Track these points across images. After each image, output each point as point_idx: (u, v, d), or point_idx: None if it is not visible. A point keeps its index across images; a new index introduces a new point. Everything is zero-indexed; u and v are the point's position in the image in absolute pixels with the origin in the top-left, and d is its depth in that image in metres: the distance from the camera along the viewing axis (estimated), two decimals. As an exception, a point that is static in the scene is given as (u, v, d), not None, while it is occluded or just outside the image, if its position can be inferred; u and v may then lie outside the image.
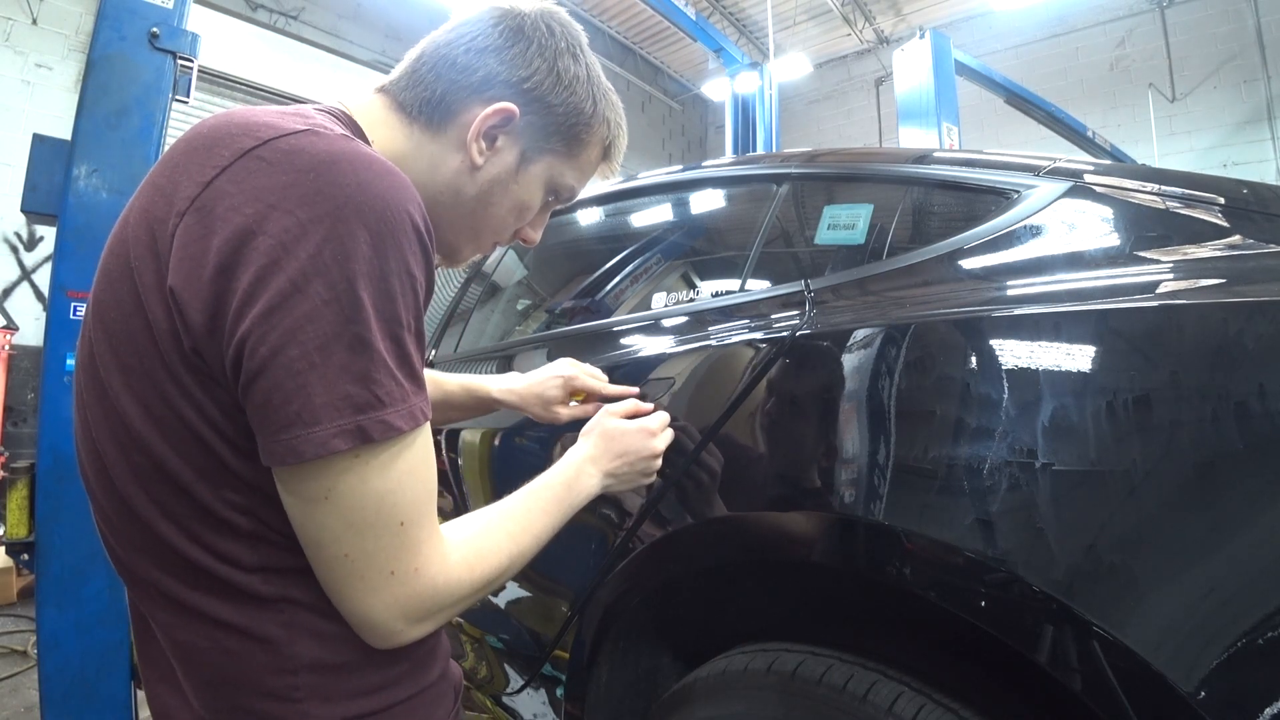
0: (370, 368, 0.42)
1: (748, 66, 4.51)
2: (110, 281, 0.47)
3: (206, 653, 0.47)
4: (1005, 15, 7.43)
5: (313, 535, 0.44)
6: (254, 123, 0.46)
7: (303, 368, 0.40)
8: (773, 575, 0.86)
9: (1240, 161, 6.49)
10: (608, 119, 0.63)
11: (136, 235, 0.45)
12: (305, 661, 0.47)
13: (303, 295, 0.40)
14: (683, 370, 0.93)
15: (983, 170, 0.86)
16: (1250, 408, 0.51)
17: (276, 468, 0.43)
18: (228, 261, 0.41)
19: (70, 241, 1.50)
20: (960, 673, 0.67)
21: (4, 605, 3.03)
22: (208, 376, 0.43)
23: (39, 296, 4.36)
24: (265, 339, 0.40)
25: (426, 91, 0.57)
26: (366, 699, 0.49)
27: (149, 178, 0.48)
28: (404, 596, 0.46)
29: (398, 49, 6.97)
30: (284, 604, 0.47)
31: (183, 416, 0.44)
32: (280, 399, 0.40)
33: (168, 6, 1.60)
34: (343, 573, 0.45)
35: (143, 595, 0.50)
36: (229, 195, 0.42)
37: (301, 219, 0.41)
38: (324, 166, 0.43)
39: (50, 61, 4.49)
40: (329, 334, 0.41)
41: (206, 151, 0.45)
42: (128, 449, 0.46)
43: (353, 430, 0.41)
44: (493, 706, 1.27)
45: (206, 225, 0.42)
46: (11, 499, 1.48)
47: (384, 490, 0.44)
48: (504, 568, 0.54)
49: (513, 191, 0.61)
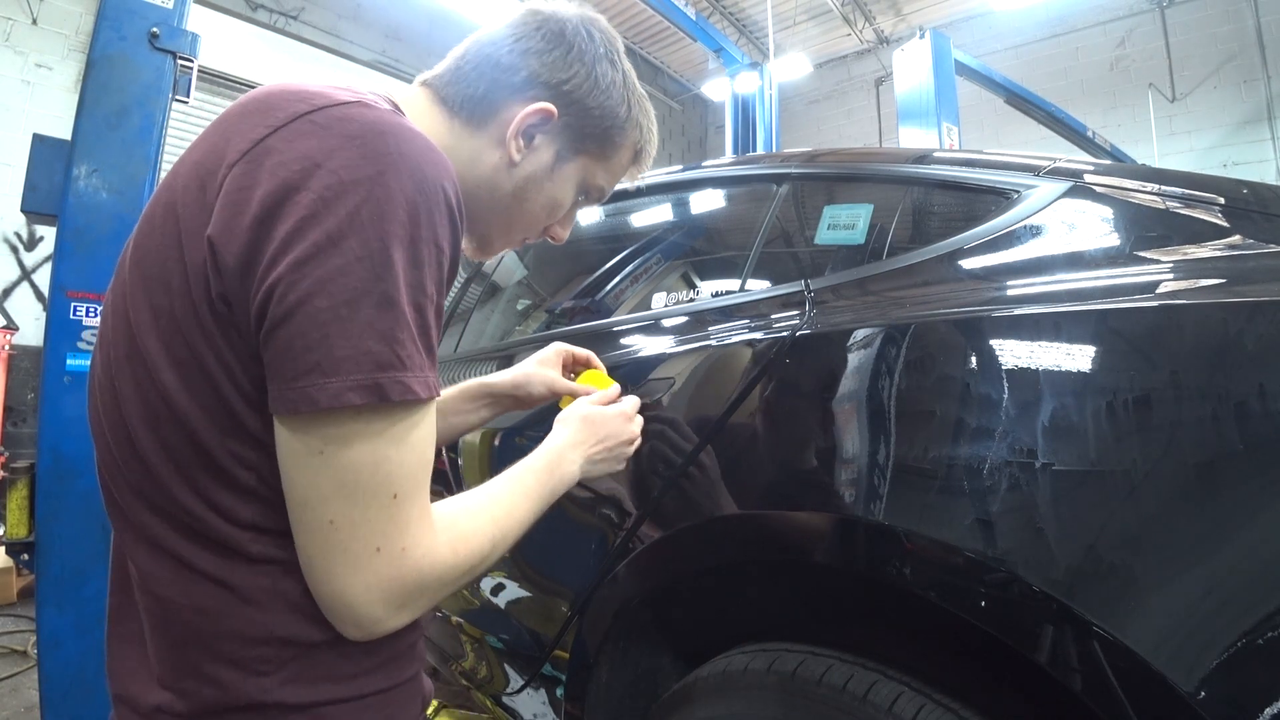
0: (395, 328, 0.43)
1: (748, 66, 4.50)
2: (153, 227, 0.48)
3: (182, 609, 0.46)
4: (1005, 15, 7.43)
5: (300, 493, 0.44)
6: (309, 91, 0.48)
7: (328, 319, 0.41)
8: (773, 575, 0.86)
9: (1240, 161, 6.49)
10: (640, 124, 0.66)
11: (186, 184, 0.47)
12: (279, 633, 0.46)
13: (337, 249, 0.41)
14: (683, 370, 0.93)
15: (983, 170, 0.86)
16: (1250, 408, 0.51)
17: (283, 416, 0.43)
18: (268, 212, 0.42)
19: (70, 241, 1.50)
20: (960, 673, 0.68)
21: (4, 605, 3.03)
22: (230, 325, 0.44)
23: (39, 296, 4.36)
24: (295, 286, 0.41)
25: (469, 88, 0.60)
26: (334, 686, 0.48)
27: (203, 135, 0.50)
28: (387, 578, 0.44)
29: (398, 49, 6.95)
30: (270, 566, 0.46)
31: (202, 362, 0.45)
32: (301, 346, 0.41)
33: (168, 6, 1.60)
34: (325, 542, 0.43)
35: (131, 541, 0.50)
36: (278, 152, 0.44)
37: (344, 179, 0.43)
38: (371, 134, 0.44)
39: (50, 61, 4.49)
40: (359, 289, 0.41)
41: (261, 114, 0.47)
42: (145, 389, 0.47)
43: (370, 386, 0.42)
44: (493, 706, 1.27)
45: (252, 177, 0.44)
46: (11, 499, 1.48)
47: (382, 456, 0.43)
48: (487, 553, 0.53)
49: (546, 189, 0.64)
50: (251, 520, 0.47)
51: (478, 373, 1.49)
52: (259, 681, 0.46)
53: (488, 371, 1.45)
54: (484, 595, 1.27)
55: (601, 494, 0.99)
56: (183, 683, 0.47)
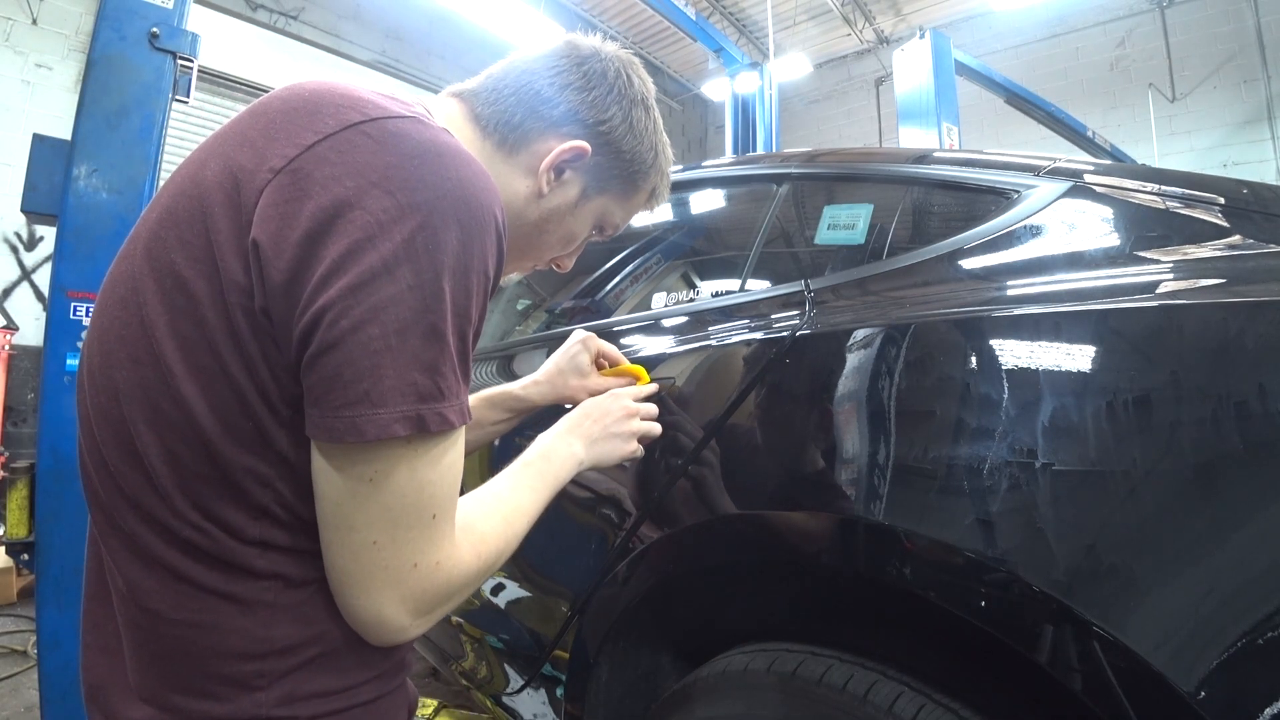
0: (439, 359, 0.43)
1: (748, 66, 4.50)
2: (175, 221, 0.45)
3: (174, 623, 0.45)
4: (1005, 15, 7.42)
5: (346, 518, 0.43)
6: (360, 98, 0.46)
7: (379, 348, 0.40)
8: (772, 575, 0.86)
9: (1240, 161, 6.48)
10: (663, 170, 0.68)
11: (218, 181, 0.44)
12: (279, 646, 0.45)
13: (391, 277, 0.41)
14: (683, 370, 0.93)
15: (983, 170, 0.86)
16: (1250, 408, 0.51)
17: (327, 443, 0.43)
18: (320, 229, 0.41)
19: (70, 241, 1.50)
20: (960, 673, 0.67)
21: (4, 605, 3.03)
22: (269, 339, 0.43)
23: (39, 296, 4.36)
24: (347, 313, 0.40)
25: (506, 114, 0.60)
26: (326, 699, 0.47)
27: (235, 128, 0.47)
28: (421, 590, 0.46)
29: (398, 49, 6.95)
30: (273, 581, 0.46)
31: (229, 373, 0.43)
32: (351, 375, 0.40)
33: (168, 6, 1.60)
34: (368, 562, 0.44)
35: (117, 549, 0.47)
36: (330, 164, 0.42)
37: (401, 202, 0.42)
38: (428, 155, 0.44)
39: (50, 61, 4.48)
40: (409, 320, 0.41)
41: (309, 116, 0.45)
42: (155, 394, 0.44)
43: (414, 418, 0.42)
44: (493, 706, 1.27)
45: (302, 189, 0.42)
46: (11, 499, 1.47)
47: (425, 481, 0.44)
48: (501, 552, 0.54)
49: (567, 223, 0.65)
50: (259, 537, 0.45)
51: (478, 374, 1.49)
52: (253, 696, 0.45)
53: (488, 372, 1.45)
54: (484, 595, 1.27)
55: (601, 494, 0.99)
56: (169, 697, 0.45)
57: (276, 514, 0.46)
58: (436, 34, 6.59)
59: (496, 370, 1.44)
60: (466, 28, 6.03)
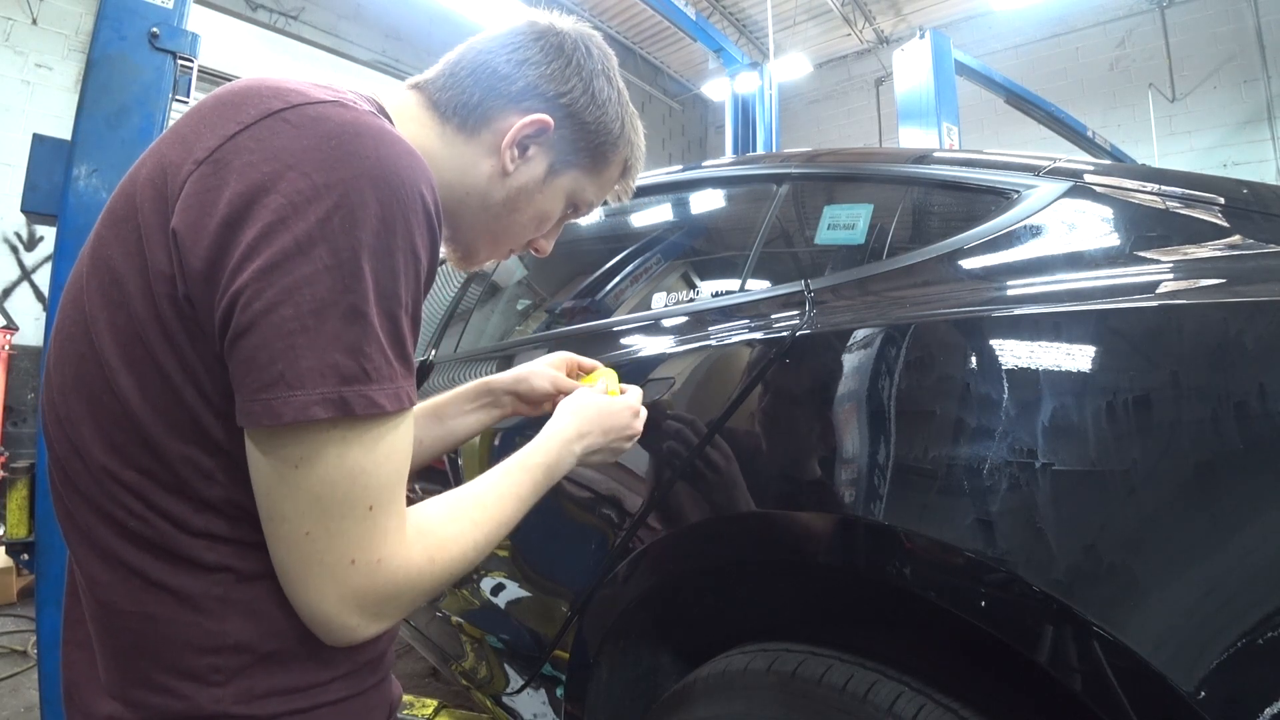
0: (362, 341, 0.41)
1: (748, 66, 4.51)
2: (114, 220, 0.46)
3: (129, 616, 0.45)
4: (1005, 15, 7.43)
5: (277, 507, 0.43)
6: (285, 88, 0.46)
7: (294, 329, 0.40)
8: (772, 575, 0.86)
9: (1240, 161, 6.49)
10: (631, 141, 0.66)
11: (149, 178, 0.45)
12: (232, 640, 0.44)
13: (305, 257, 0.40)
14: (683, 370, 0.93)
15: (983, 170, 0.86)
16: (1250, 408, 0.51)
17: (251, 429, 0.42)
18: (236, 215, 0.41)
19: (70, 241, 1.50)
20: (960, 673, 0.67)
21: (4, 605, 3.03)
22: (196, 327, 0.43)
23: (39, 296, 4.36)
24: (260, 294, 0.40)
25: (464, 95, 0.59)
26: (288, 697, 0.46)
27: (173, 127, 0.48)
28: (363, 589, 0.44)
29: (398, 49, 6.95)
30: (223, 574, 0.45)
31: (161, 366, 0.43)
32: (266, 358, 0.40)
33: (168, 6, 1.60)
34: (303, 554, 0.43)
35: (77, 546, 0.48)
36: (248, 151, 0.42)
37: (316, 182, 0.41)
38: (346, 136, 0.43)
39: (50, 61, 4.49)
40: (325, 299, 0.40)
41: (234, 108, 0.45)
42: (98, 388, 0.45)
43: (335, 400, 0.41)
44: (493, 706, 1.27)
45: (221, 177, 0.42)
46: (11, 499, 1.47)
47: (358, 469, 0.43)
48: (468, 556, 0.51)
49: (537, 201, 0.63)
50: (205, 529, 0.45)
51: (478, 373, 1.49)
52: (210, 692, 0.44)
53: (488, 372, 1.45)
54: (484, 595, 1.27)
55: (601, 494, 0.99)
56: (130, 692, 0.45)
57: (219, 505, 0.45)
58: (436, 34, 6.59)
59: (496, 370, 1.44)
60: (467, 27, 5.96)
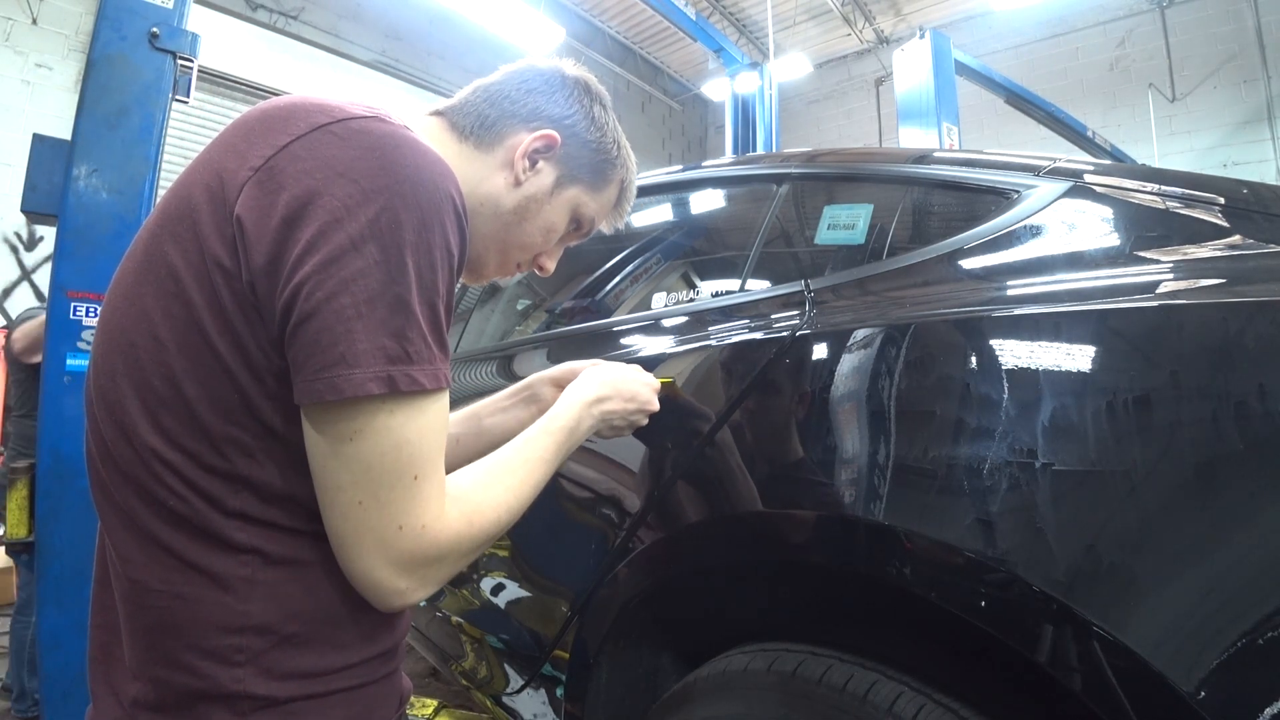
0: (406, 326, 0.47)
1: (748, 66, 4.51)
2: (168, 220, 0.52)
3: (159, 595, 0.48)
4: (1005, 15, 7.42)
5: (333, 478, 0.48)
6: (328, 105, 0.53)
7: (351, 315, 0.45)
8: (772, 575, 0.86)
9: (1240, 161, 6.49)
10: (626, 164, 0.74)
11: (205, 183, 0.50)
12: (255, 622, 0.48)
13: (358, 253, 0.46)
14: (683, 370, 0.93)
15: (983, 170, 0.86)
16: (1250, 408, 0.51)
17: (311, 405, 0.47)
18: (294, 215, 0.46)
19: (70, 241, 1.50)
20: (960, 673, 0.68)
21: (4, 605, 3.03)
22: (255, 313, 0.48)
23: (39, 296, 4.36)
24: (322, 285, 0.45)
25: (480, 116, 0.67)
26: (305, 681, 0.50)
27: (222, 138, 0.54)
28: (410, 552, 0.49)
29: (398, 49, 6.93)
30: (251, 556, 0.49)
31: (214, 347, 0.48)
32: (329, 340, 0.45)
33: (168, 6, 1.60)
34: (356, 522, 0.48)
35: (112, 524, 0.52)
36: (301, 160, 0.48)
37: (364, 188, 0.47)
38: (387, 147, 0.49)
39: (50, 61, 4.49)
40: (376, 290, 0.46)
41: (283, 121, 0.51)
42: (149, 372, 0.49)
43: (385, 378, 0.46)
44: (493, 706, 1.27)
45: (278, 182, 0.48)
46: (11, 499, 1.48)
47: (403, 440, 0.48)
48: (501, 522, 0.57)
49: (545, 212, 0.69)
50: (239, 509, 0.49)
51: (478, 373, 1.49)
52: (231, 671, 0.48)
53: (488, 372, 1.45)
54: (484, 595, 1.27)
55: (601, 494, 0.99)
56: (154, 671, 0.49)
57: (257, 486, 0.49)
58: (436, 34, 6.59)
59: (496, 370, 1.44)
60: (466, 27, 6.03)
